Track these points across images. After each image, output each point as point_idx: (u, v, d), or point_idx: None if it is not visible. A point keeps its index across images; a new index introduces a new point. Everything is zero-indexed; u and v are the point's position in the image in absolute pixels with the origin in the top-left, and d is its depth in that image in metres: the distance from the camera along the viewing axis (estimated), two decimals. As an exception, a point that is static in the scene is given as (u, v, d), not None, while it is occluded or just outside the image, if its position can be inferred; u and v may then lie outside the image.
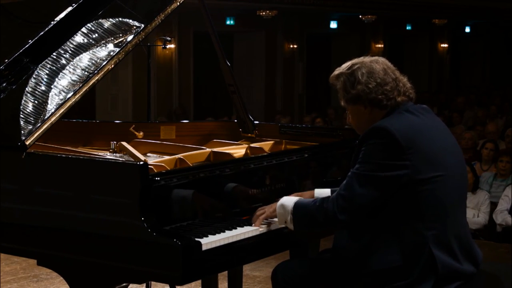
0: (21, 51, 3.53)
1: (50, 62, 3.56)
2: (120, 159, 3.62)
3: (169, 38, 5.79)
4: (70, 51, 3.60)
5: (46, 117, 3.32)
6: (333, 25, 17.56)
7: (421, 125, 2.91)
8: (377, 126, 2.87)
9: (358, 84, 2.95)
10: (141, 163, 3.00)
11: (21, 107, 3.41)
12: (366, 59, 3.02)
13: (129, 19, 3.72)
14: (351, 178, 2.89)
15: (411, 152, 2.81)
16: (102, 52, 3.58)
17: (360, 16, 16.75)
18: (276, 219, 3.16)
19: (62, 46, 3.60)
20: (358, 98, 2.96)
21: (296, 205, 3.07)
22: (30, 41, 3.55)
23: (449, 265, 2.84)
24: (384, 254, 2.86)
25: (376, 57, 3.03)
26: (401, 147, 2.81)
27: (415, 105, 3.01)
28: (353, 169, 2.91)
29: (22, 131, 3.30)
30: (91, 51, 3.60)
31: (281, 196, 3.53)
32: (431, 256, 2.82)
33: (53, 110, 3.34)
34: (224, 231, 3.10)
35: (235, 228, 3.15)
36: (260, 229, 3.15)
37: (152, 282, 4.68)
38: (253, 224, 3.17)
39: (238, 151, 3.86)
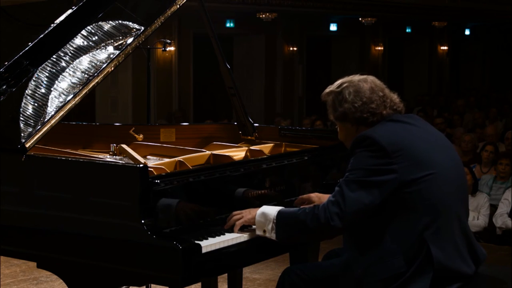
0: (21, 53, 3.53)
1: (50, 65, 3.56)
2: (120, 161, 3.62)
3: (169, 41, 5.80)
4: (70, 54, 3.60)
5: (46, 119, 3.32)
6: (333, 27, 17.54)
7: (405, 129, 2.98)
8: (361, 135, 2.96)
9: (345, 103, 3.04)
10: (141, 165, 3.00)
11: (21, 109, 3.41)
12: (356, 77, 3.10)
13: (129, 21, 3.72)
14: (341, 185, 2.94)
15: (397, 155, 2.87)
16: (102, 54, 3.59)
17: (360, 19, 16.74)
18: (254, 227, 3.15)
19: (62, 49, 3.60)
20: (345, 116, 3.06)
21: (281, 213, 3.06)
22: (30, 43, 3.55)
23: (445, 263, 2.86)
24: (390, 263, 2.88)
25: (365, 76, 3.11)
26: (386, 152, 2.87)
27: (400, 115, 3.06)
28: (343, 177, 2.97)
29: (22, 134, 3.30)
30: (91, 54, 3.60)
31: (281, 198, 3.54)
32: (429, 254, 2.84)
33: (53, 113, 3.33)
34: (224, 234, 3.10)
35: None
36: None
37: (152, 285, 4.68)
38: (225, 226, 3.16)
39: (238, 153, 3.86)
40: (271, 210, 3.09)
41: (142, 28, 3.62)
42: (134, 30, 3.65)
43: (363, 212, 2.90)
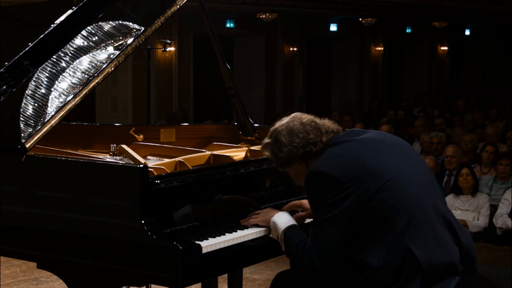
0: (21, 54, 3.54)
1: (50, 65, 3.56)
2: (120, 162, 3.62)
3: (169, 41, 5.80)
4: (70, 54, 3.60)
5: (46, 120, 3.32)
6: (333, 28, 17.53)
7: (348, 148, 2.98)
8: (309, 173, 2.97)
9: (284, 147, 3.05)
10: (141, 166, 3.00)
11: (21, 110, 3.41)
12: (283, 121, 3.12)
13: (129, 22, 3.72)
14: (313, 229, 2.96)
15: (349, 177, 2.88)
16: (102, 55, 3.59)
17: (360, 19, 16.72)
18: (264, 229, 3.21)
19: (62, 49, 3.61)
20: (289, 159, 3.07)
21: (286, 234, 3.08)
22: (30, 44, 3.56)
23: (432, 260, 2.85)
24: (379, 276, 2.87)
25: (291, 116, 3.12)
26: (337, 179, 2.88)
27: (340, 135, 3.07)
28: (312, 221, 2.99)
29: (22, 134, 3.30)
30: (91, 54, 3.60)
31: (281, 199, 3.53)
32: (413, 256, 2.83)
33: (53, 113, 3.34)
34: (224, 234, 3.10)
35: (235, 231, 3.15)
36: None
37: (152, 285, 4.68)
38: (241, 222, 3.24)
39: (238, 154, 3.86)
40: (281, 224, 3.12)
41: (142, 28, 3.62)
42: (134, 30, 3.66)
43: (342, 243, 2.92)
